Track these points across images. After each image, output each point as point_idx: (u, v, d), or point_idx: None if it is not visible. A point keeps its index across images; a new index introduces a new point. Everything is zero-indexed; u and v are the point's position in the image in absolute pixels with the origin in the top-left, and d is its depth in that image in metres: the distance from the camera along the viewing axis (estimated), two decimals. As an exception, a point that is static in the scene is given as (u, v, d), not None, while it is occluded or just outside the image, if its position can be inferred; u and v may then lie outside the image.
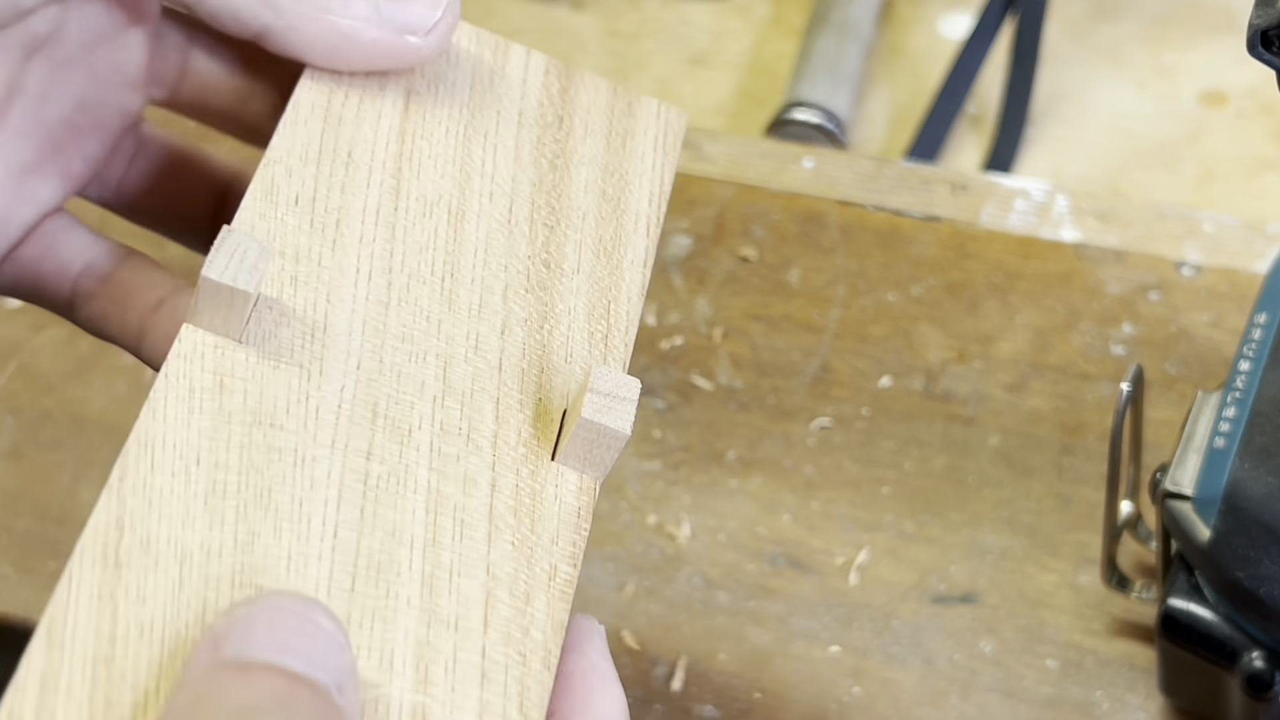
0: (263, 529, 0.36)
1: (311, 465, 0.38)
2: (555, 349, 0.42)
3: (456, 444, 0.39)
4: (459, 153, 0.44)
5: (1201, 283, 0.66)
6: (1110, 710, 0.57)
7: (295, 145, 0.42)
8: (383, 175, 0.43)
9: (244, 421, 0.38)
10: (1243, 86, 0.91)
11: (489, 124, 0.45)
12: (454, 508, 0.38)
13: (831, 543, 0.62)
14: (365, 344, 0.40)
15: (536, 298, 0.43)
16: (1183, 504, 0.51)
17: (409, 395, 0.39)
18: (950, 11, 0.98)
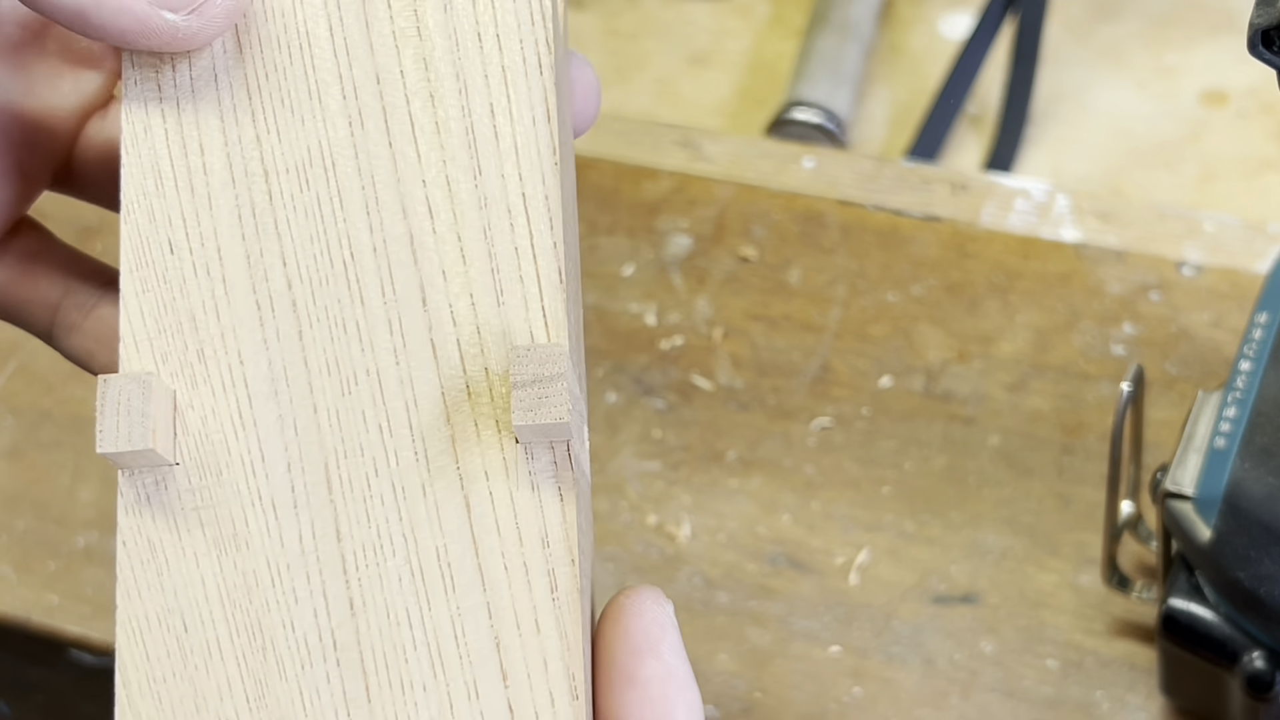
0: (267, 673, 0.36)
1: (288, 576, 0.37)
2: (482, 297, 0.38)
3: (418, 475, 0.37)
4: (311, 82, 0.39)
5: (1202, 282, 0.66)
6: (1111, 710, 0.57)
7: (146, 178, 0.39)
8: (243, 159, 0.39)
9: (211, 557, 0.37)
10: (1243, 86, 0.91)
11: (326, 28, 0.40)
12: (436, 555, 0.37)
13: (832, 543, 0.62)
14: (294, 397, 0.38)
15: (446, 239, 0.38)
16: (1183, 504, 0.51)
17: (355, 438, 0.37)
18: (950, 11, 0.98)
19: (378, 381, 0.38)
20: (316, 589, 0.36)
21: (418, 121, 0.39)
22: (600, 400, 0.66)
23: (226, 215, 0.39)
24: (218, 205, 0.39)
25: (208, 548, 0.37)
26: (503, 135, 0.39)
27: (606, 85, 0.97)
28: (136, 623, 0.36)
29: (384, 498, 0.37)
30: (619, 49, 0.99)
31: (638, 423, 0.65)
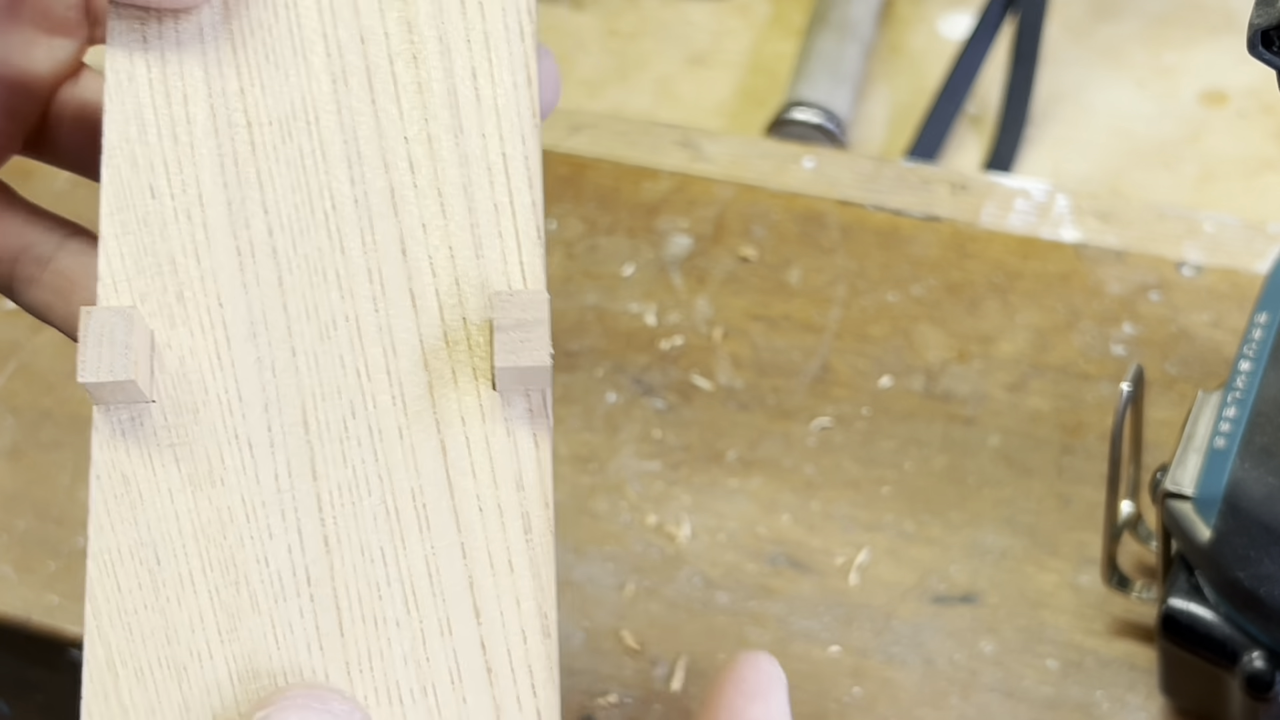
0: (240, 606, 0.36)
1: (263, 513, 0.37)
2: (461, 249, 0.39)
3: (395, 418, 0.38)
4: (296, 40, 0.40)
5: (1202, 283, 0.66)
6: (1110, 710, 0.57)
7: (129, 124, 0.39)
8: (226, 109, 0.39)
9: (187, 493, 0.37)
10: (1243, 86, 0.91)
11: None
12: (411, 495, 0.37)
13: (831, 543, 0.62)
14: (273, 340, 0.38)
15: (427, 193, 0.39)
16: (1183, 504, 0.51)
17: (333, 381, 0.38)
18: (950, 11, 0.98)
19: (356, 327, 0.38)
20: (291, 526, 0.37)
21: (400, 81, 0.39)
22: (600, 400, 0.66)
23: (208, 163, 0.39)
24: (200, 153, 0.39)
25: (183, 483, 0.37)
26: (484, 97, 0.39)
27: (607, 85, 0.97)
28: (109, 555, 0.37)
29: (361, 439, 0.37)
30: (619, 49, 0.99)
31: (638, 423, 0.65)
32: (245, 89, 0.39)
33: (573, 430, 0.66)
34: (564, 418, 0.66)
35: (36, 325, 0.71)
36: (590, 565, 0.62)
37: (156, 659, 0.36)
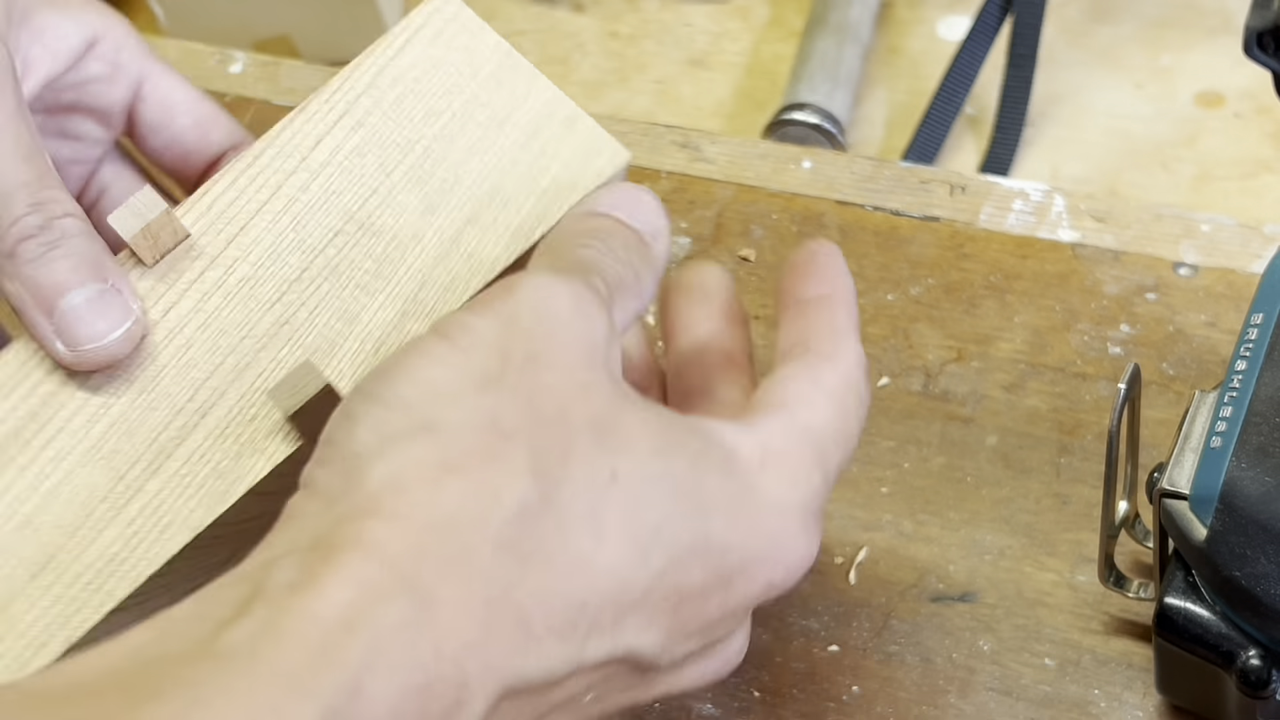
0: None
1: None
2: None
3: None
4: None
5: (1198, 283, 0.66)
6: (1107, 708, 0.57)
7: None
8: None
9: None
10: (1240, 88, 0.91)
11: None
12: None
13: (830, 542, 0.62)
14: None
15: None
16: (1179, 503, 0.51)
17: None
18: (948, 13, 0.98)
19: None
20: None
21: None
22: (600, 400, 0.66)
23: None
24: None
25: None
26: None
27: (607, 87, 0.97)
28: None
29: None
30: (619, 51, 0.99)
31: (637, 422, 0.66)
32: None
33: (573, 430, 0.66)
34: (564, 417, 0.66)
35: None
36: (590, 564, 0.62)
37: None
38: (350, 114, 0.49)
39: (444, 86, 0.49)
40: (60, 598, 0.44)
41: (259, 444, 0.46)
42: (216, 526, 0.45)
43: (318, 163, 0.49)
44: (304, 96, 0.77)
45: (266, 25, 1.01)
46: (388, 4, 1.01)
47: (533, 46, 1.00)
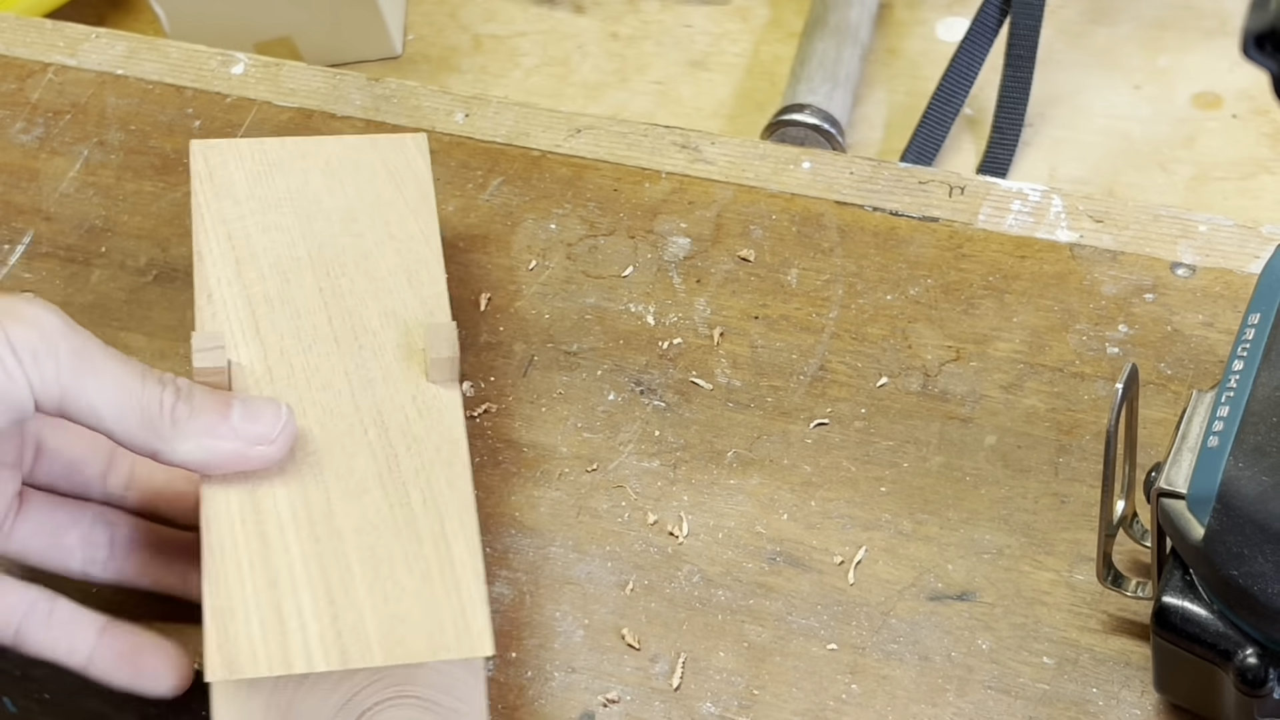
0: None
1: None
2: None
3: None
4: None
5: (1196, 283, 0.67)
6: (1105, 707, 0.57)
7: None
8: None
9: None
10: (1237, 89, 0.91)
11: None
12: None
13: (829, 541, 0.62)
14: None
15: (408, 291, 0.64)
16: (1177, 502, 0.52)
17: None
18: (947, 15, 0.98)
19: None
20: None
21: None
22: (600, 400, 0.67)
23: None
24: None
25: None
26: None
27: (607, 88, 0.98)
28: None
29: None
30: (619, 52, 0.99)
31: (637, 422, 0.66)
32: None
33: (573, 430, 0.66)
34: (564, 417, 0.66)
35: (41, 325, 0.72)
36: (590, 563, 0.62)
37: None
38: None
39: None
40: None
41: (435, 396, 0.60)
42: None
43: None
44: (305, 98, 0.78)
45: (268, 27, 1.01)
46: (388, 5, 1.01)
47: (533, 48, 1.01)
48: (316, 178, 0.67)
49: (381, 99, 0.78)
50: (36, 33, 0.83)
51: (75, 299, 0.72)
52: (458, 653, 0.53)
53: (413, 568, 0.55)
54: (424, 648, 0.53)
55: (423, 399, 0.60)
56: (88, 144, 0.78)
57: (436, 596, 0.55)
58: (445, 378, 0.60)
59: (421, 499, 0.57)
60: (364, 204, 0.66)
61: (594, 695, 0.59)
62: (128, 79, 0.80)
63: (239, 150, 0.68)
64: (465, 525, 0.57)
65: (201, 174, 0.67)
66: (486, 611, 0.54)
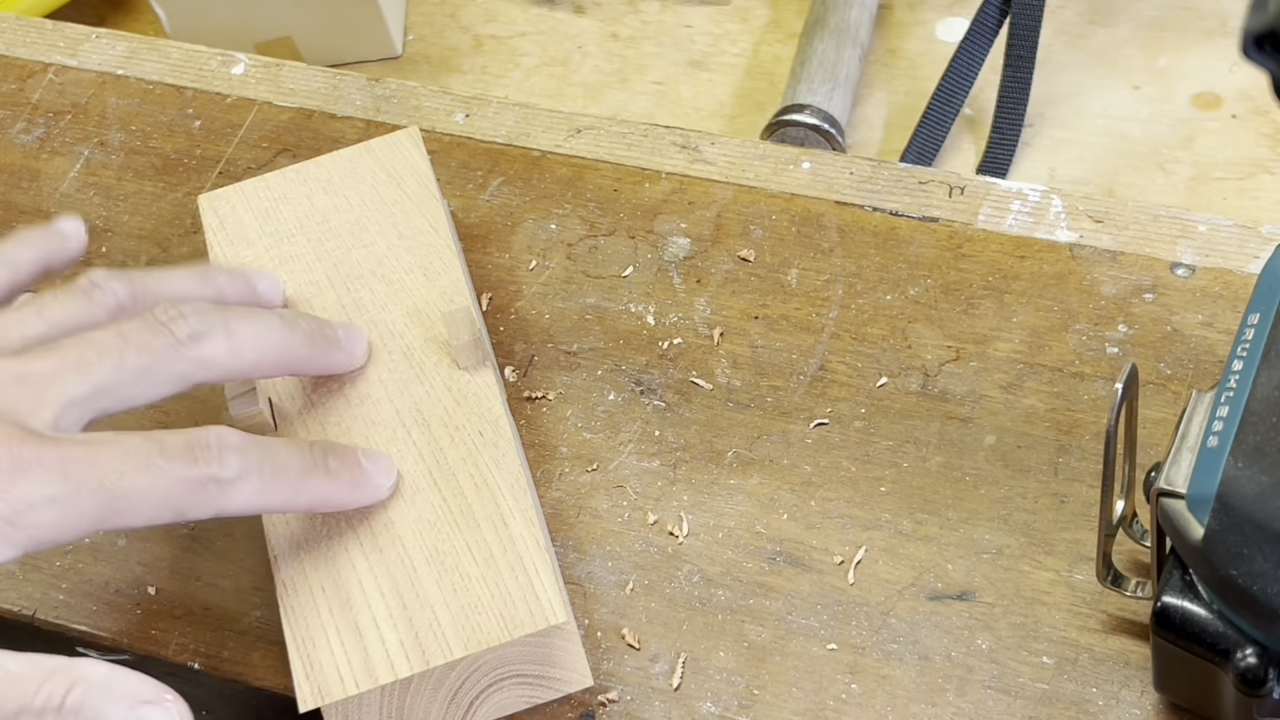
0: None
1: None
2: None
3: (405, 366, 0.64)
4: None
5: (1195, 283, 0.67)
6: (1105, 706, 0.57)
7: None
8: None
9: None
10: (1236, 89, 0.91)
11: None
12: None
13: (829, 541, 0.62)
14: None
15: (430, 284, 0.66)
16: (1176, 502, 0.52)
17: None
18: (947, 15, 0.98)
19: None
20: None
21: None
22: (600, 399, 0.67)
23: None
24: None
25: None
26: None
27: (607, 88, 0.98)
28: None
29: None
30: (619, 52, 0.99)
31: (637, 422, 0.66)
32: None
33: (573, 429, 0.66)
34: (564, 417, 0.66)
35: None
36: (590, 563, 0.62)
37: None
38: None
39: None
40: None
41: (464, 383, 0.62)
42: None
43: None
44: (305, 98, 0.78)
45: (268, 27, 1.01)
46: (388, 5, 1.01)
47: (534, 48, 1.01)
48: (321, 198, 0.68)
49: (382, 99, 0.78)
50: (37, 33, 0.83)
51: (76, 299, 0.72)
52: (531, 626, 0.55)
53: (475, 554, 0.57)
54: (498, 630, 0.55)
55: (458, 387, 0.62)
56: (88, 144, 0.78)
57: (503, 577, 0.56)
58: (473, 361, 0.62)
59: (473, 485, 0.59)
60: (370, 212, 0.68)
61: (594, 695, 0.60)
62: (128, 79, 0.80)
63: (244, 193, 0.69)
64: (519, 499, 0.58)
65: (213, 225, 0.68)
66: (554, 579, 0.56)
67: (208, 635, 0.63)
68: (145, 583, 0.65)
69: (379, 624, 0.56)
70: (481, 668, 0.57)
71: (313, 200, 0.68)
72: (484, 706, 0.58)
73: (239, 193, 0.69)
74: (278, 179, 0.69)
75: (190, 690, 0.60)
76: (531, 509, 0.58)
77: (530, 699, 0.58)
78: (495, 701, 0.58)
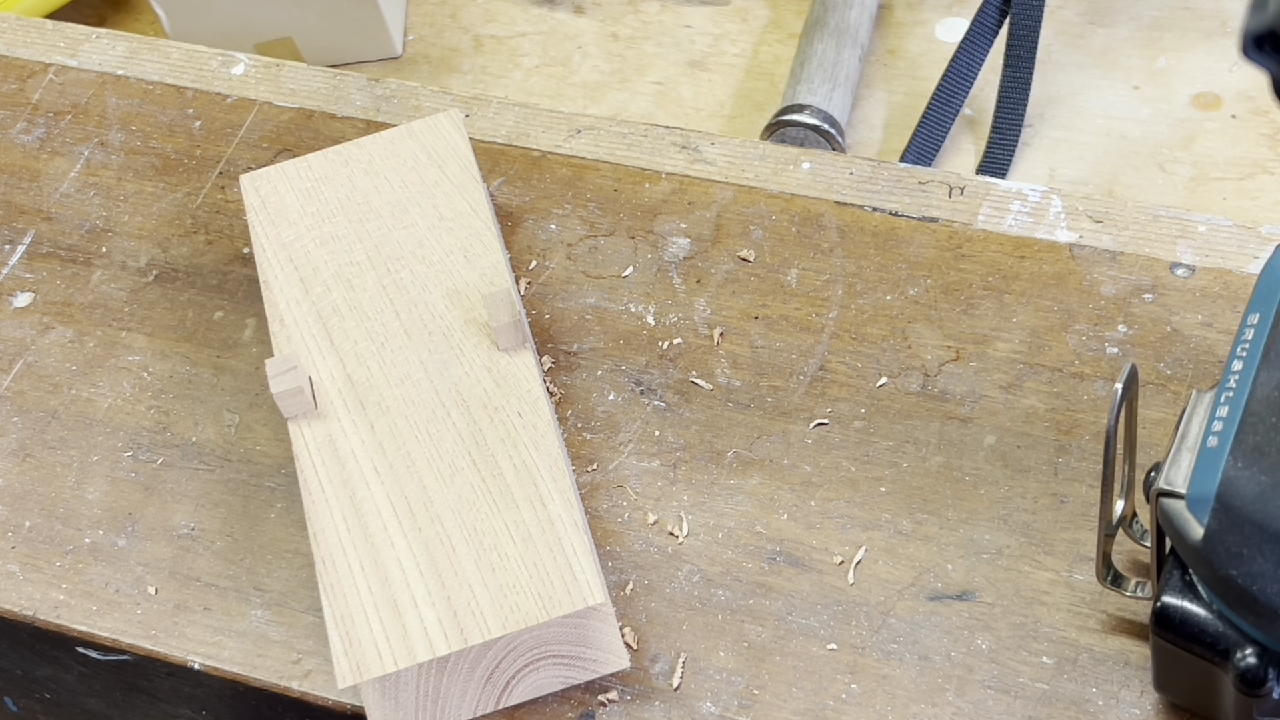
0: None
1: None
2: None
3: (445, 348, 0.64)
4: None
5: (1195, 284, 0.67)
6: (1105, 706, 0.57)
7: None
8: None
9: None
10: (1236, 90, 0.92)
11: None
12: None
13: (829, 541, 0.62)
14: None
15: (469, 265, 0.67)
16: (1176, 502, 0.52)
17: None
18: (946, 15, 0.98)
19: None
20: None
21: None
22: (600, 399, 0.67)
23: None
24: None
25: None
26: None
27: (607, 89, 0.98)
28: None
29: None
30: (619, 53, 0.99)
31: (638, 422, 0.66)
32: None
33: (573, 430, 0.66)
34: (564, 417, 0.66)
35: (43, 325, 0.72)
36: (591, 563, 0.63)
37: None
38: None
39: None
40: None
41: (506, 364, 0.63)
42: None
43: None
44: (306, 99, 0.78)
45: (268, 27, 1.01)
46: (388, 5, 1.01)
47: (534, 48, 1.01)
48: (362, 179, 0.69)
49: (382, 99, 0.78)
50: (37, 33, 0.83)
51: (76, 299, 0.72)
52: (569, 606, 0.56)
53: (514, 534, 0.58)
54: (536, 610, 0.56)
55: (497, 369, 0.62)
56: (88, 144, 0.78)
57: (541, 557, 0.57)
58: (513, 343, 0.63)
59: (512, 466, 0.59)
60: (411, 193, 0.68)
61: (594, 695, 0.60)
62: (128, 79, 0.80)
63: (285, 173, 0.70)
64: (558, 480, 0.59)
65: (255, 205, 0.69)
66: (591, 560, 0.57)
67: (208, 635, 0.63)
68: (145, 583, 0.65)
69: (417, 602, 0.56)
70: (519, 647, 0.57)
71: (354, 181, 0.69)
72: (520, 686, 0.58)
73: (280, 173, 0.70)
74: (319, 160, 0.70)
75: (190, 690, 0.60)
76: (570, 490, 0.59)
77: (566, 679, 0.58)
78: (531, 682, 0.58)
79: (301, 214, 0.68)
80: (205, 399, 0.69)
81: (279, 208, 0.68)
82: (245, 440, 0.68)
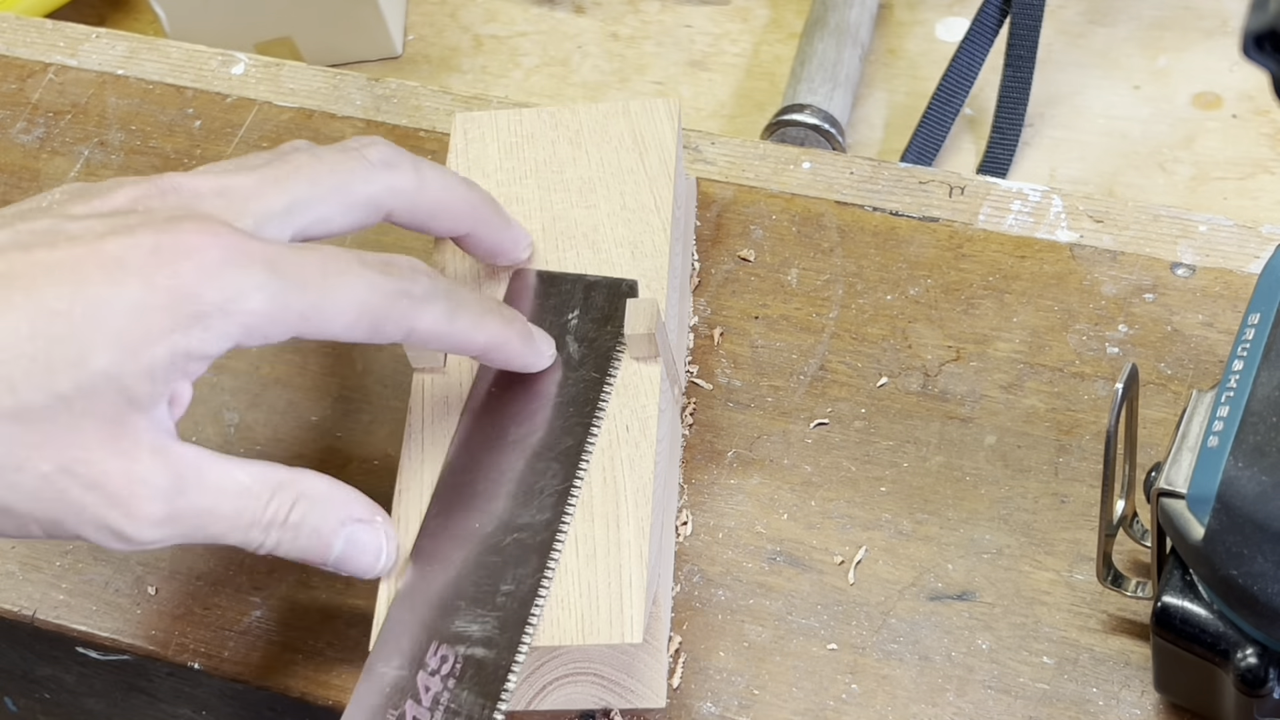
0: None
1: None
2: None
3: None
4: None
5: (1196, 283, 0.67)
6: (1105, 706, 0.57)
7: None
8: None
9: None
10: (1237, 89, 0.91)
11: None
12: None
13: (829, 541, 0.62)
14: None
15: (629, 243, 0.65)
16: (1177, 502, 0.52)
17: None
18: (947, 15, 0.98)
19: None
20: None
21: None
22: (600, 400, 0.67)
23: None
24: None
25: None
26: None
27: (607, 88, 0.98)
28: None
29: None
30: (620, 52, 0.99)
31: (638, 422, 0.66)
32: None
33: (573, 429, 0.66)
34: (564, 417, 0.66)
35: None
36: (591, 563, 0.62)
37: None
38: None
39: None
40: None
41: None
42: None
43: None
44: (305, 98, 0.78)
45: (268, 27, 1.01)
46: (388, 5, 1.01)
47: (534, 48, 1.01)
48: (564, 148, 0.67)
49: (382, 99, 0.78)
50: (37, 33, 0.83)
51: (76, 299, 0.72)
52: (607, 638, 0.54)
53: (579, 548, 0.56)
54: (574, 631, 0.55)
55: (623, 375, 0.60)
56: (88, 144, 0.78)
57: (598, 578, 0.56)
58: (644, 354, 0.61)
59: (601, 478, 0.58)
60: (604, 174, 0.66)
61: (594, 695, 0.60)
62: (128, 79, 0.80)
63: (496, 122, 0.69)
64: (639, 507, 0.57)
65: (459, 147, 0.68)
66: (644, 599, 0.55)
67: (208, 635, 0.63)
68: (145, 583, 0.65)
69: None
70: (562, 656, 0.56)
71: (556, 148, 0.67)
72: (555, 693, 0.57)
73: (492, 120, 0.69)
74: (531, 116, 0.69)
75: (190, 690, 0.60)
76: (649, 520, 0.57)
77: (600, 700, 0.57)
78: (566, 693, 0.57)
79: (498, 167, 0.67)
80: (205, 399, 0.69)
81: (480, 156, 0.67)
82: (245, 440, 0.68)
